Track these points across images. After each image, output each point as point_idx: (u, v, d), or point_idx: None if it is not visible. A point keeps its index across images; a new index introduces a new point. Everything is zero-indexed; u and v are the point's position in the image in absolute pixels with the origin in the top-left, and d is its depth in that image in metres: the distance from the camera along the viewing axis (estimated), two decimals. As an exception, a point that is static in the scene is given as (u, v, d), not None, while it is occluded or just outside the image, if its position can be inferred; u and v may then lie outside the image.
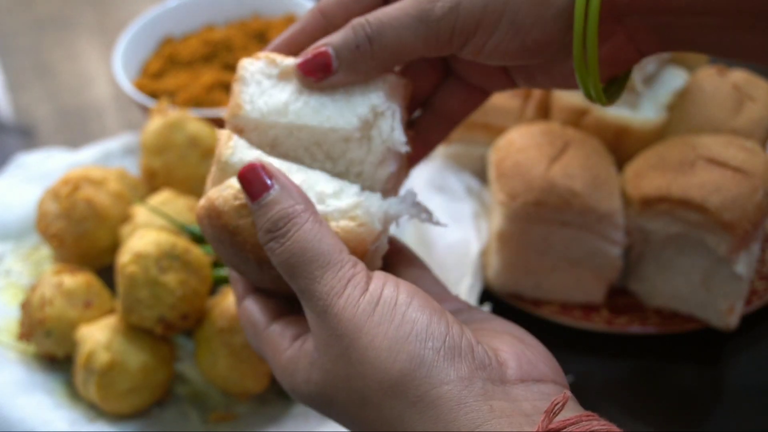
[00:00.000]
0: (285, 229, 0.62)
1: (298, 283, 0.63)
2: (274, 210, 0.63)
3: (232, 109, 0.72)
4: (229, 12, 1.46)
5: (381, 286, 0.61)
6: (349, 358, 0.59)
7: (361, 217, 0.65)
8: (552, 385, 0.59)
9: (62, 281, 0.99)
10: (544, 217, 1.02)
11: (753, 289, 1.07)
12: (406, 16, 0.66)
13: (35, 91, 1.56)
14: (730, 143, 1.03)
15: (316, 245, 0.62)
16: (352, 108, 0.71)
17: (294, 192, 0.64)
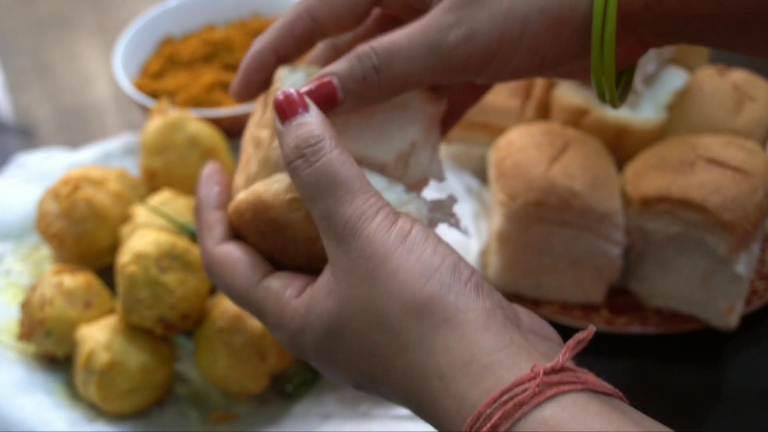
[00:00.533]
0: (316, 148, 0.61)
1: (324, 204, 0.61)
2: (306, 129, 0.62)
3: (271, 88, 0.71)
4: (229, 12, 1.46)
5: (411, 222, 0.60)
6: (374, 279, 0.58)
7: (413, 212, 0.64)
8: (559, 347, 0.61)
9: (62, 281, 0.99)
10: (544, 217, 1.02)
11: (753, 289, 1.07)
12: (417, 45, 0.64)
13: (35, 91, 1.56)
14: (730, 143, 1.03)
15: (347, 169, 0.61)
16: (390, 138, 0.70)
17: (328, 123, 0.63)
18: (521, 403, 0.51)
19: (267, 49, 0.74)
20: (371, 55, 0.65)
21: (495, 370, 0.54)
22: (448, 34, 0.63)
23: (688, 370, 1.04)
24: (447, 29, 0.63)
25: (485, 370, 0.54)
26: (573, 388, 0.54)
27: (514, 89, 1.17)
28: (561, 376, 0.54)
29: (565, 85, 1.13)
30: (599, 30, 0.61)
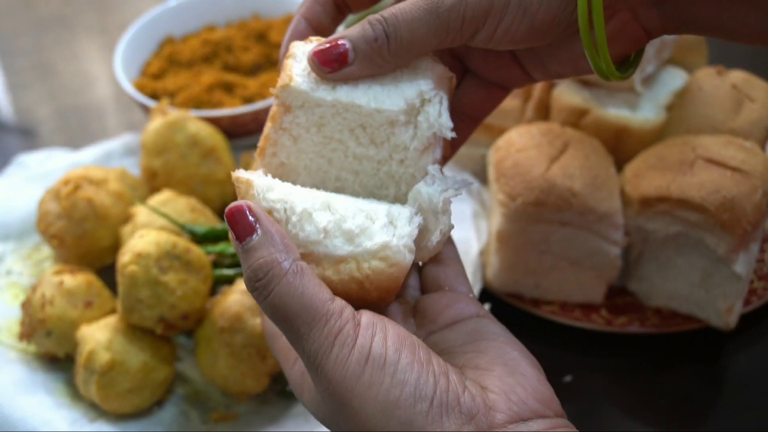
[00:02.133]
0: (265, 281, 0.63)
1: (288, 334, 0.64)
2: (254, 257, 0.64)
3: (282, 82, 0.72)
4: (229, 12, 1.46)
5: (369, 340, 0.61)
6: (343, 417, 0.61)
7: (391, 257, 0.65)
8: (540, 421, 0.61)
9: (63, 281, 0.99)
10: (544, 217, 1.03)
11: (752, 289, 1.07)
12: (418, 9, 0.68)
13: (36, 91, 1.56)
14: (729, 143, 1.03)
15: (298, 300, 0.62)
16: (400, 92, 0.72)
17: (276, 238, 0.64)
18: None
19: (300, 20, 0.78)
20: (381, 21, 0.68)
21: None
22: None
23: (687, 369, 1.04)
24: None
25: None
26: None
27: (514, 89, 1.17)
28: None
29: (565, 85, 1.13)
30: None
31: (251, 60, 1.37)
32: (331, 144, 0.72)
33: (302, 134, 0.72)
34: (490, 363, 0.64)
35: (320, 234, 0.65)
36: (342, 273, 0.65)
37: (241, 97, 1.30)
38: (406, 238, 0.65)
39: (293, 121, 0.72)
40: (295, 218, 0.66)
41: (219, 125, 1.21)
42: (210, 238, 1.04)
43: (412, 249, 0.66)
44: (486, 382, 0.62)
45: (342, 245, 0.65)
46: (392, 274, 0.65)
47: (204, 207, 1.09)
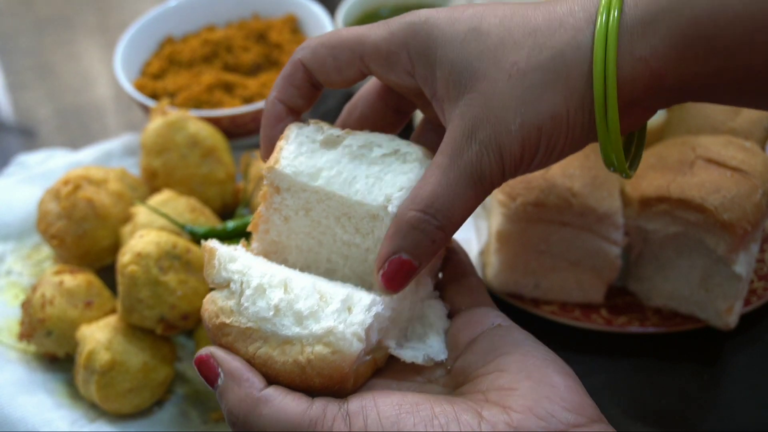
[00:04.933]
0: (241, 422, 0.63)
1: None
2: (225, 402, 0.64)
3: (269, 163, 0.72)
4: (229, 12, 1.46)
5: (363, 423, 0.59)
6: None
7: (334, 344, 0.63)
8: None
9: (63, 281, 0.99)
10: (544, 217, 1.03)
11: (752, 289, 1.07)
12: (463, 188, 0.65)
13: (36, 91, 1.56)
14: (729, 143, 1.03)
15: (277, 426, 0.61)
16: (382, 187, 0.70)
17: (240, 375, 0.64)
18: None
19: (274, 102, 0.76)
20: (428, 219, 0.66)
21: None
22: (482, 164, 0.65)
23: (687, 369, 1.04)
24: (479, 159, 0.65)
25: None
26: None
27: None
28: None
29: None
30: (603, 122, 0.63)
31: (251, 60, 1.37)
32: (319, 227, 0.72)
33: (291, 216, 0.72)
34: (513, 381, 0.62)
35: (270, 311, 0.64)
36: (287, 355, 0.63)
37: (241, 97, 1.30)
38: (357, 326, 0.63)
39: (282, 202, 0.72)
40: (248, 291, 0.66)
41: (219, 125, 1.21)
42: (210, 238, 1.04)
43: (361, 338, 0.63)
44: (509, 402, 0.60)
45: (290, 326, 0.64)
46: (335, 362, 0.62)
47: (204, 207, 1.09)
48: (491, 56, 0.64)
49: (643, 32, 0.60)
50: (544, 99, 0.63)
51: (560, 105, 0.63)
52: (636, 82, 0.61)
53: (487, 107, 0.64)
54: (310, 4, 1.42)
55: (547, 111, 0.63)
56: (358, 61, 0.71)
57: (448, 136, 0.66)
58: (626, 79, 0.61)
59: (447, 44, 0.66)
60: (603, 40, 0.61)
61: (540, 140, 0.64)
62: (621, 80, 0.61)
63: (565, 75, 0.62)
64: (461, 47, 0.65)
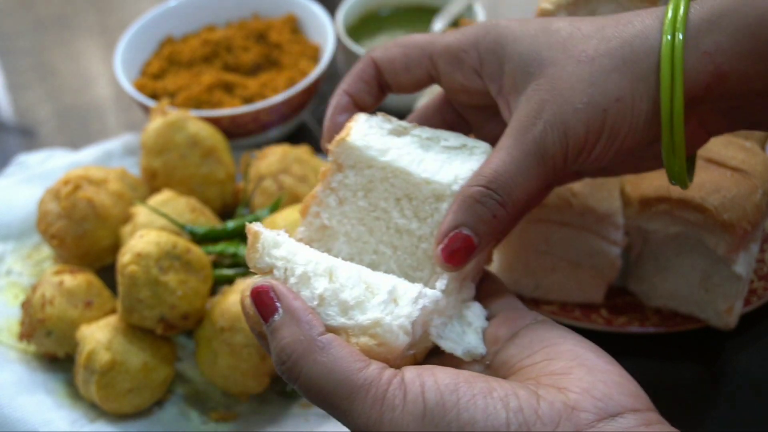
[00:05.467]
0: (291, 363, 0.60)
1: (330, 411, 0.60)
2: (278, 339, 0.61)
3: (338, 138, 0.72)
4: (229, 12, 1.46)
5: (420, 391, 0.57)
6: None
7: (380, 335, 0.61)
8: (631, 416, 0.58)
9: (63, 281, 0.99)
10: (544, 217, 1.03)
11: (752, 289, 1.07)
12: (526, 164, 0.65)
13: (36, 91, 1.56)
14: (729, 143, 1.03)
15: (329, 377, 0.58)
16: (450, 169, 0.70)
17: (299, 314, 0.61)
18: None
19: (341, 93, 0.77)
20: (490, 194, 0.65)
21: None
22: (546, 141, 0.65)
23: (687, 369, 1.04)
24: (543, 136, 0.65)
25: None
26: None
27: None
28: None
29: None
30: (668, 113, 0.63)
31: (251, 60, 1.37)
32: (375, 212, 0.72)
33: (348, 197, 0.72)
34: (566, 367, 0.60)
35: (315, 301, 0.63)
36: None
37: (241, 97, 1.30)
38: (403, 318, 0.62)
39: (342, 181, 0.72)
40: (293, 279, 0.64)
41: (219, 125, 1.21)
42: (210, 238, 1.04)
43: (408, 331, 0.62)
44: (564, 384, 0.59)
45: (335, 315, 0.63)
46: (380, 354, 0.61)
47: (204, 207, 1.09)
48: (560, 47, 0.66)
49: (709, 28, 0.62)
50: (611, 81, 0.64)
51: (626, 89, 0.64)
52: (700, 76, 0.62)
53: (554, 89, 0.65)
54: (310, 4, 1.42)
55: (614, 93, 0.64)
56: (427, 60, 0.73)
57: (514, 119, 0.67)
58: (691, 72, 0.62)
59: (517, 40, 0.68)
60: (671, 31, 0.62)
61: (604, 123, 0.65)
62: (686, 73, 0.62)
63: (632, 61, 0.64)
64: (531, 41, 0.67)
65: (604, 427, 0.56)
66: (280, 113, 1.28)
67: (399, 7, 1.48)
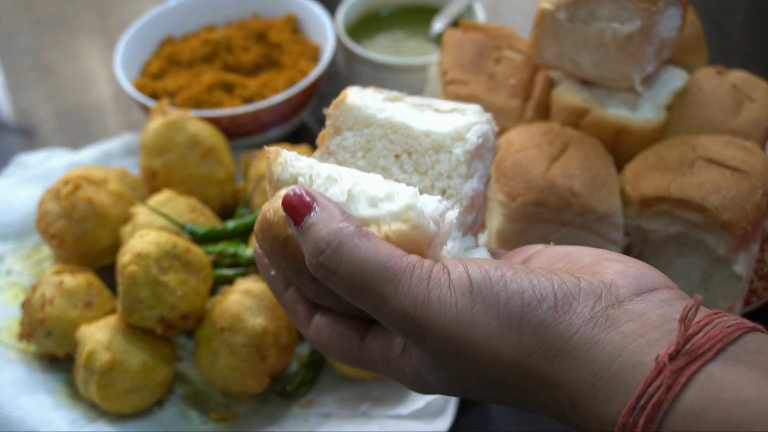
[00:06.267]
0: (330, 251, 0.59)
1: (370, 303, 0.59)
2: (315, 231, 0.60)
3: (337, 101, 0.73)
4: (229, 12, 1.46)
5: (464, 270, 0.58)
6: (467, 356, 0.57)
7: (413, 219, 0.62)
8: (666, 291, 0.59)
9: (63, 281, 0.99)
10: (544, 217, 1.03)
11: (752, 289, 1.07)
12: None
13: (36, 91, 1.56)
14: (730, 143, 1.03)
15: (372, 260, 0.58)
16: (447, 123, 0.72)
17: (335, 211, 0.61)
18: (659, 402, 0.51)
19: None
20: None
21: (620, 379, 0.53)
22: None
23: (687, 369, 1.04)
24: None
25: (611, 384, 0.53)
26: (703, 362, 0.51)
27: (514, 89, 1.17)
28: (687, 356, 0.52)
29: (565, 85, 1.13)
30: None
31: (251, 60, 1.37)
32: (374, 170, 0.73)
33: (347, 159, 0.73)
34: (592, 262, 0.62)
35: (344, 196, 0.64)
36: None
37: (241, 97, 1.30)
38: (431, 208, 0.63)
39: (341, 143, 0.73)
40: (319, 180, 0.65)
41: (219, 125, 1.21)
42: (210, 238, 1.04)
43: (437, 220, 0.63)
44: (596, 270, 0.60)
45: (365, 208, 0.63)
46: (413, 238, 0.61)
47: (204, 207, 1.09)
48: None
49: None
50: None
51: None
52: None
53: None
54: (310, 4, 1.42)
55: None
56: None
57: None
58: None
59: None
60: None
61: None
62: None
63: None
64: None
65: (645, 299, 0.57)
66: (280, 113, 1.28)
67: (399, 7, 1.48)
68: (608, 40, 1.03)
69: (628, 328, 0.55)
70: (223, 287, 1.01)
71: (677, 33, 1.09)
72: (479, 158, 0.74)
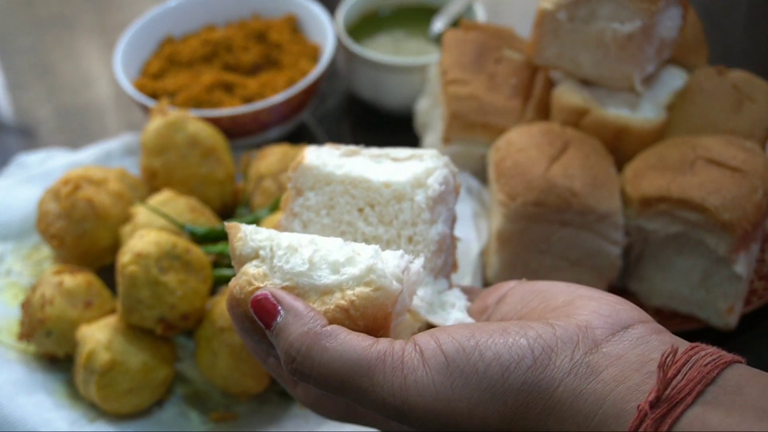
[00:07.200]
0: (302, 357, 0.60)
1: (352, 400, 0.60)
2: (284, 337, 0.61)
3: (294, 163, 0.75)
4: (229, 12, 1.46)
5: (436, 346, 0.59)
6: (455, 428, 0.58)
7: (375, 281, 0.63)
8: (641, 326, 0.60)
9: (62, 281, 0.99)
10: (544, 217, 1.02)
11: (752, 289, 1.07)
12: None
13: (36, 91, 1.56)
14: (730, 143, 1.03)
15: (343, 359, 0.59)
16: (405, 171, 0.74)
17: (301, 309, 0.62)
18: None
19: None
20: None
21: (605, 429, 0.54)
22: None
23: (687, 369, 1.04)
24: None
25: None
26: (684, 408, 0.53)
27: (514, 89, 1.17)
28: (667, 403, 0.53)
29: (565, 85, 1.13)
30: None
31: (251, 60, 1.37)
32: (340, 227, 0.74)
33: (312, 218, 0.74)
34: (566, 301, 0.63)
35: (305, 265, 0.65)
36: (328, 303, 0.63)
37: (241, 97, 1.30)
38: (393, 266, 0.64)
39: (304, 204, 0.75)
40: (280, 252, 0.66)
41: (219, 125, 1.21)
42: (210, 238, 1.04)
43: (399, 278, 0.63)
44: (570, 312, 0.61)
45: (327, 275, 0.64)
46: (377, 299, 0.62)
47: (204, 207, 1.09)
48: None
49: None
50: None
51: None
52: None
53: None
54: (310, 4, 1.42)
55: None
56: None
57: None
58: None
59: None
60: None
61: None
62: None
63: None
64: None
65: (621, 338, 0.58)
66: (280, 113, 1.28)
67: (399, 7, 1.48)
68: (608, 40, 1.03)
69: (609, 375, 0.56)
70: (223, 287, 1.01)
71: (677, 33, 1.09)
72: (442, 202, 0.75)
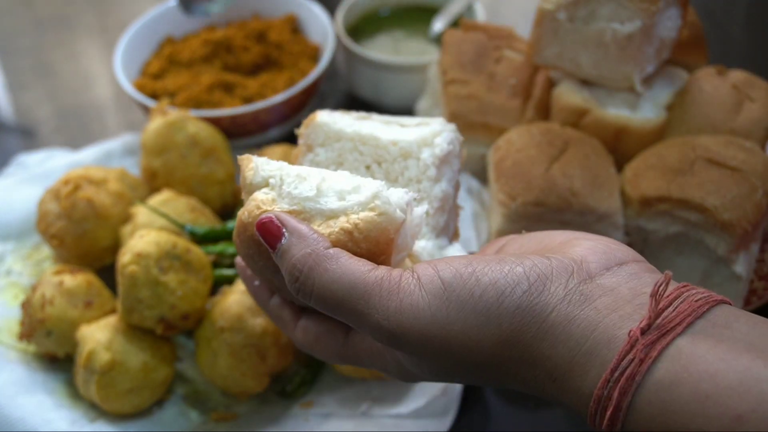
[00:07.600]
0: (303, 277, 0.62)
1: (349, 321, 0.62)
2: (288, 259, 0.64)
3: (307, 120, 0.78)
4: (229, 12, 1.46)
5: (434, 272, 0.60)
6: (448, 352, 0.59)
7: (380, 206, 0.65)
8: (635, 264, 0.60)
9: (63, 281, 0.99)
10: (544, 217, 1.02)
11: (752, 289, 1.07)
12: None
13: (36, 91, 1.56)
14: (730, 143, 1.03)
15: (341, 281, 0.61)
16: (412, 132, 0.76)
17: (305, 232, 0.64)
18: (632, 375, 0.53)
19: None
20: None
21: (596, 353, 0.55)
22: None
23: (687, 369, 1.04)
24: None
25: (587, 358, 0.55)
26: (674, 336, 0.53)
27: (514, 89, 1.17)
28: (658, 330, 0.54)
29: (565, 85, 1.13)
30: None
31: (251, 60, 1.37)
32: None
33: None
34: (562, 243, 0.64)
35: (313, 191, 0.67)
36: (332, 226, 0.65)
37: (241, 97, 1.30)
38: (397, 197, 0.66)
39: (313, 159, 0.77)
40: (289, 180, 0.68)
41: (219, 125, 1.21)
42: (210, 238, 1.04)
43: (403, 208, 0.66)
44: (566, 250, 0.62)
45: (333, 201, 0.67)
46: (381, 224, 0.64)
47: (204, 207, 1.09)
48: None
49: None
50: None
51: None
52: None
53: None
54: (310, 4, 1.42)
55: None
56: None
57: None
58: None
59: None
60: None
61: None
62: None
63: None
64: None
65: (615, 273, 0.59)
66: (280, 113, 1.28)
67: (399, 7, 1.48)
68: (608, 40, 1.03)
69: (602, 303, 0.57)
70: (223, 287, 1.01)
71: (677, 33, 1.09)
72: (447, 164, 0.77)
